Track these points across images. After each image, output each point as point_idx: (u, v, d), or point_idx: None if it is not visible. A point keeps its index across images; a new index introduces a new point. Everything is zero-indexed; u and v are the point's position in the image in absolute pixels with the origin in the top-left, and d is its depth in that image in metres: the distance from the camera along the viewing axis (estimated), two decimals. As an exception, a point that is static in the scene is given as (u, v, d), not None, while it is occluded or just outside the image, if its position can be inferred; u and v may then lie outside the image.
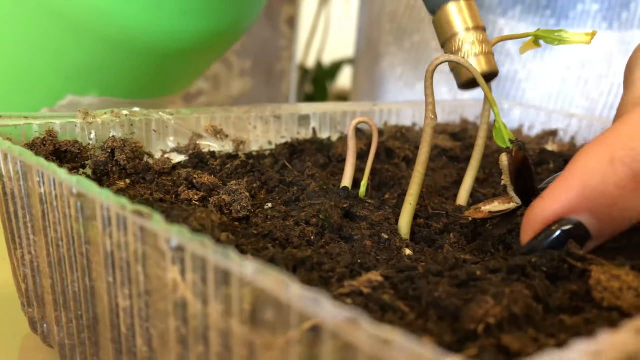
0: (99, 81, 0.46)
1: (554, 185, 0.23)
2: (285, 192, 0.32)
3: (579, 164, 0.23)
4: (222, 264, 0.15)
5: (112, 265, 0.19)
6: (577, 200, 0.22)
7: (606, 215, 0.22)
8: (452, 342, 0.18)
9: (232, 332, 0.15)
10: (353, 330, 0.12)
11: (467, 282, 0.22)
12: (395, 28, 0.67)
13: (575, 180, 0.23)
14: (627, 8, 0.54)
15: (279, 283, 0.14)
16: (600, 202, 0.22)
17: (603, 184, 0.22)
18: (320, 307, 0.13)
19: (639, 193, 0.22)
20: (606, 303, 0.19)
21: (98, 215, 0.19)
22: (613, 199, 0.22)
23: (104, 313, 0.21)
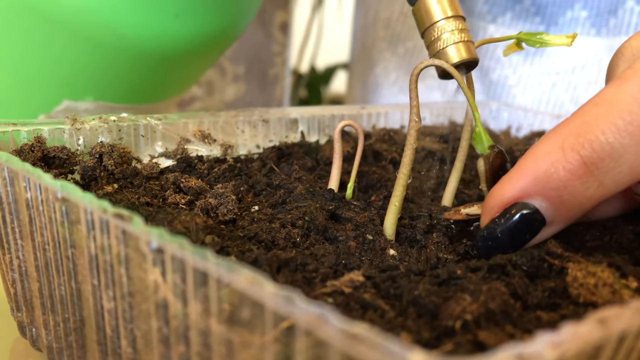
0: (95, 86, 0.46)
1: (512, 171, 0.25)
2: (272, 195, 0.32)
3: (534, 150, 0.24)
4: (200, 264, 0.15)
5: (97, 268, 0.20)
6: (530, 184, 0.24)
7: (557, 200, 0.23)
8: (430, 339, 0.18)
9: (211, 331, 0.15)
10: (323, 326, 0.13)
11: (448, 280, 0.23)
12: (389, 34, 0.68)
13: (529, 165, 0.24)
14: (614, 15, 0.55)
15: (253, 282, 0.14)
16: (551, 186, 0.23)
17: (553, 169, 0.23)
18: (292, 305, 0.13)
19: (588, 179, 0.23)
20: (582, 299, 0.20)
21: (82, 219, 0.20)
22: (563, 183, 0.23)
23: (90, 315, 0.22)
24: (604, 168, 0.22)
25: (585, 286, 0.20)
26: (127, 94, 0.50)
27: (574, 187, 0.23)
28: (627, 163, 0.22)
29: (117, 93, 0.49)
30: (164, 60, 0.46)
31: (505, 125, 0.52)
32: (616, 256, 0.25)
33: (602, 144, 0.22)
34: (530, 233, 0.24)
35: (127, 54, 0.44)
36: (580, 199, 0.23)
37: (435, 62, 0.29)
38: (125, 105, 0.50)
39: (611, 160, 0.22)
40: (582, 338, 0.13)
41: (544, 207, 0.24)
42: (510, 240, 0.24)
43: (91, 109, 0.48)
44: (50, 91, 0.47)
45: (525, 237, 0.24)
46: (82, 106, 0.47)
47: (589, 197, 0.23)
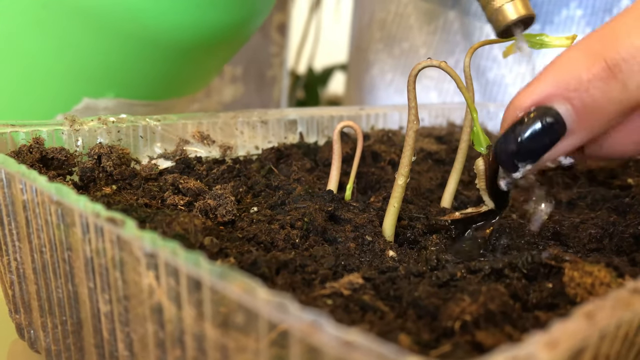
0: (115, 81, 0.45)
1: (533, 79, 0.24)
2: (271, 196, 0.32)
3: (557, 57, 0.24)
4: (192, 271, 0.15)
5: (92, 271, 0.20)
6: (551, 87, 0.23)
7: (578, 102, 0.23)
8: (429, 340, 0.18)
9: (205, 335, 0.15)
10: (317, 333, 0.12)
11: (448, 282, 0.23)
12: (384, 36, 0.68)
13: (551, 70, 0.23)
14: (609, 13, 0.55)
15: (245, 289, 0.14)
16: (572, 87, 0.23)
17: (575, 71, 0.23)
18: (285, 312, 0.13)
19: (611, 81, 0.22)
20: (579, 299, 0.20)
21: (77, 222, 0.19)
22: (584, 85, 0.22)
23: (87, 318, 0.21)
24: (628, 70, 0.22)
25: (582, 286, 0.20)
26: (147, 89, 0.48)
27: (596, 89, 0.22)
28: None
29: (138, 88, 0.47)
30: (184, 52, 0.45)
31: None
32: (614, 257, 0.25)
33: (627, 46, 0.22)
34: (550, 139, 0.23)
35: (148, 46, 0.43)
36: (602, 102, 0.22)
37: (434, 62, 0.29)
38: (145, 102, 0.48)
39: (635, 63, 0.22)
40: (572, 335, 0.13)
41: (565, 110, 0.23)
42: (530, 146, 0.24)
43: (111, 106, 0.47)
44: (69, 88, 0.45)
45: (545, 143, 0.23)
46: (102, 104, 0.46)
47: (611, 100, 0.22)
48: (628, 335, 0.17)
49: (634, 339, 0.18)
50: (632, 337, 0.18)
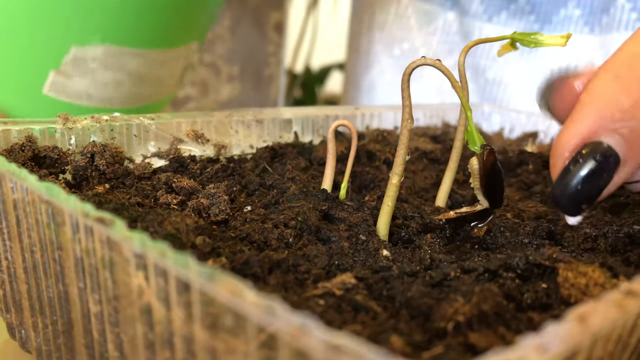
0: (99, 25, 0.44)
1: (572, 114, 0.23)
2: (265, 195, 0.32)
3: (589, 89, 0.23)
4: (181, 272, 0.15)
5: (82, 271, 0.19)
6: (595, 122, 0.22)
7: (626, 131, 0.22)
8: (422, 341, 0.18)
9: (194, 337, 0.15)
10: (305, 337, 0.12)
11: (441, 282, 0.22)
12: (384, 37, 0.68)
13: (588, 104, 0.23)
14: (607, 12, 0.55)
15: (233, 292, 0.14)
16: (616, 118, 0.22)
17: (615, 100, 0.22)
18: (273, 315, 0.13)
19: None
20: (573, 299, 0.20)
21: (67, 222, 0.19)
22: (628, 113, 0.22)
23: (77, 318, 0.21)
24: None
25: (576, 286, 0.20)
26: (134, 35, 0.47)
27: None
28: None
29: (124, 33, 0.46)
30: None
31: (498, 127, 0.52)
32: (609, 257, 0.25)
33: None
34: (607, 173, 0.23)
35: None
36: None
37: (428, 61, 0.28)
38: (134, 50, 0.47)
39: None
40: (565, 339, 0.13)
41: (615, 142, 0.22)
42: (589, 186, 0.23)
43: (100, 56, 0.45)
44: (56, 38, 0.44)
45: (602, 178, 0.23)
46: (90, 53, 0.45)
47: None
48: (622, 337, 0.17)
49: (627, 340, 0.18)
50: (626, 338, 0.18)
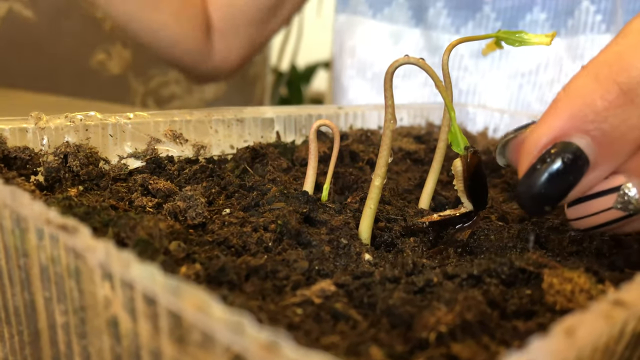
0: None
1: (545, 113, 0.23)
2: (244, 197, 0.31)
3: (567, 87, 0.22)
4: (147, 285, 0.14)
5: (48, 280, 0.19)
6: (567, 121, 0.22)
7: (598, 133, 0.21)
8: (402, 352, 0.17)
9: (162, 351, 0.14)
10: (274, 357, 0.11)
11: (424, 288, 0.22)
12: (355, 62, 0.69)
13: (563, 102, 0.22)
14: (571, 15, 0.56)
15: (199, 307, 0.13)
16: (589, 119, 0.21)
17: (590, 100, 0.21)
18: (241, 333, 0.12)
19: (629, 107, 0.21)
20: (559, 306, 0.19)
21: (31, 228, 0.18)
22: (602, 115, 0.21)
23: (44, 329, 0.20)
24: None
25: (561, 293, 0.20)
26: None
27: (614, 117, 0.21)
28: None
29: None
30: None
31: (482, 127, 0.52)
32: (594, 261, 0.24)
33: (638, 68, 0.21)
34: (574, 175, 0.22)
35: None
36: (622, 130, 0.21)
37: (411, 59, 0.28)
38: None
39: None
40: (552, 354, 0.12)
41: (585, 144, 0.21)
42: (554, 187, 0.22)
43: None
44: None
45: (569, 181, 0.22)
46: None
47: (632, 126, 0.21)
48: (609, 346, 0.17)
49: (614, 347, 0.17)
50: (613, 347, 0.17)
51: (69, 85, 1.12)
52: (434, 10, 0.62)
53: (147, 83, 1.28)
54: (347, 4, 0.70)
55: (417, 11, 0.64)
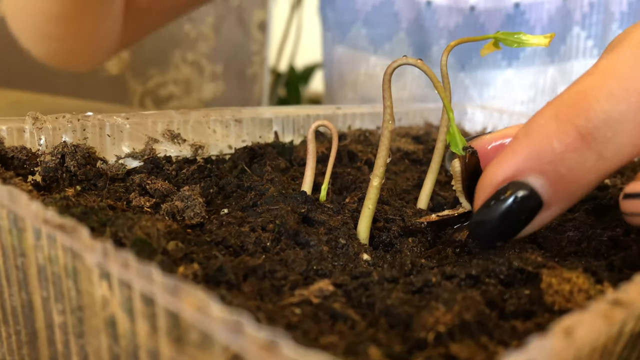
0: None
1: (505, 149, 0.23)
2: (242, 197, 0.31)
3: (527, 124, 0.22)
4: (144, 284, 0.14)
5: (45, 280, 0.18)
6: (523, 160, 0.22)
7: (553, 175, 0.21)
8: (401, 352, 0.17)
9: (160, 351, 0.14)
10: (273, 356, 0.11)
11: (422, 288, 0.22)
12: (357, 96, 0.70)
13: (522, 140, 0.22)
14: (564, 41, 0.58)
15: (198, 307, 0.13)
16: (545, 160, 0.21)
17: (547, 141, 0.21)
18: (240, 332, 0.12)
19: (585, 151, 0.21)
20: (557, 306, 0.19)
21: (28, 228, 0.18)
22: (558, 157, 0.21)
23: (41, 329, 0.20)
24: (602, 138, 0.21)
25: (560, 293, 0.20)
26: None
27: (570, 160, 0.21)
28: (626, 132, 0.21)
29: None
30: None
31: (480, 127, 0.52)
32: (592, 262, 0.24)
33: (597, 112, 0.21)
34: (526, 215, 0.22)
35: None
36: (578, 173, 0.21)
37: (409, 60, 0.28)
38: None
39: (608, 129, 0.21)
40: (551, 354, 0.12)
41: (540, 185, 0.21)
42: (505, 225, 0.22)
43: None
44: None
45: (521, 220, 0.22)
46: None
47: (587, 170, 0.21)
48: (607, 346, 0.17)
49: (613, 348, 0.17)
50: (611, 347, 0.17)
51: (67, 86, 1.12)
52: (437, 47, 0.62)
53: (145, 83, 1.28)
54: (345, 36, 0.69)
55: (418, 48, 0.64)
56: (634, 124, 0.21)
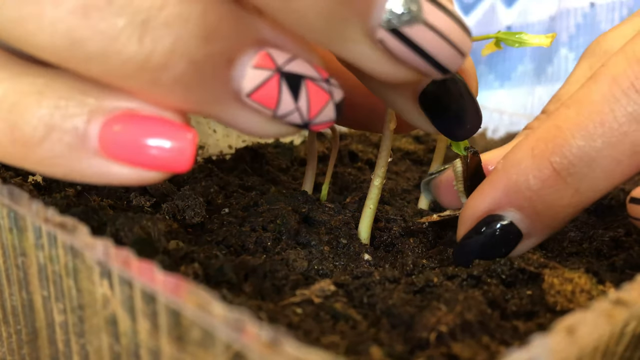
0: None
1: (484, 182, 0.23)
2: (243, 197, 0.31)
3: (505, 158, 0.23)
4: (146, 282, 0.14)
5: (46, 279, 0.18)
6: (502, 195, 0.22)
7: (531, 210, 0.22)
8: (403, 352, 0.17)
9: (161, 350, 0.14)
10: (275, 354, 0.11)
11: (424, 288, 0.22)
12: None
13: (500, 175, 0.22)
14: (551, 63, 0.59)
15: (200, 305, 0.13)
16: (522, 196, 0.22)
17: (523, 178, 0.22)
18: (242, 330, 0.12)
19: (561, 187, 0.21)
20: (559, 307, 0.19)
21: (29, 227, 0.18)
22: (535, 193, 0.21)
23: (42, 328, 0.20)
24: (577, 174, 0.21)
25: (562, 293, 0.20)
26: None
27: (547, 196, 0.21)
28: (601, 167, 0.21)
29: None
30: None
31: (481, 127, 0.51)
32: (594, 262, 0.24)
33: (572, 148, 0.21)
34: (505, 247, 0.23)
35: None
36: (555, 209, 0.21)
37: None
38: None
39: (583, 166, 0.21)
40: (554, 353, 0.12)
41: (519, 219, 0.22)
42: (486, 254, 0.23)
43: None
44: None
45: (501, 251, 0.23)
46: None
47: (565, 205, 0.21)
48: (609, 346, 0.17)
49: (615, 348, 0.17)
50: (613, 347, 0.17)
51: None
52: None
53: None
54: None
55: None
56: (609, 159, 0.20)
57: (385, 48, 0.17)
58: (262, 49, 0.16)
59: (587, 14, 0.57)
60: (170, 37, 0.15)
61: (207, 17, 0.15)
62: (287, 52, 0.17)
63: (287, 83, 0.17)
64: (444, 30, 0.17)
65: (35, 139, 0.16)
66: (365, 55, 0.17)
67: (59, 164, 0.16)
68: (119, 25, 0.15)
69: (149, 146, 0.16)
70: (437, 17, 0.17)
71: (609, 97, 0.21)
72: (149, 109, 0.16)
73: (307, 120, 0.17)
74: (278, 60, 0.17)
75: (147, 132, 0.16)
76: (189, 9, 0.15)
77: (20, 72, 0.17)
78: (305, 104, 0.17)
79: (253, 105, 0.17)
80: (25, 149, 0.16)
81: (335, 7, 0.15)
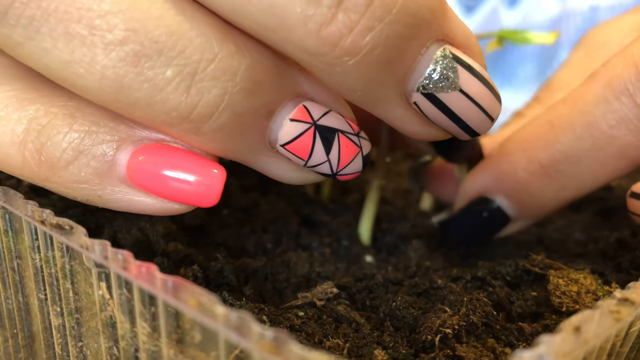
0: None
1: (480, 164, 0.25)
2: (243, 198, 0.31)
3: (501, 145, 0.24)
4: (145, 283, 0.14)
5: (42, 281, 0.18)
6: (491, 182, 0.24)
7: (518, 199, 0.23)
8: (407, 355, 0.17)
9: (161, 353, 0.14)
10: (279, 355, 0.11)
11: (427, 290, 0.21)
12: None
13: (493, 162, 0.24)
14: (550, 66, 0.59)
15: (201, 307, 0.12)
16: (510, 185, 0.23)
17: (512, 169, 0.23)
18: (245, 332, 0.12)
19: (548, 182, 0.22)
20: (565, 308, 0.19)
21: (24, 229, 0.18)
22: (522, 185, 0.22)
23: (39, 331, 0.20)
24: (564, 172, 0.22)
25: (567, 294, 0.19)
26: None
27: (533, 189, 0.22)
28: (587, 167, 0.21)
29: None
30: None
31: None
32: (600, 263, 0.24)
33: (561, 146, 0.21)
34: (493, 227, 0.24)
35: None
36: (541, 201, 0.23)
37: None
38: None
39: (570, 165, 0.21)
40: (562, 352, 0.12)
41: (506, 205, 0.23)
42: (475, 232, 0.24)
43: None
44: None
45: (489, 232, 0.24)
46: None
47: (550, 199, 0.22)
48: (615, 347, 0.16)
49: (619, 350, 0.17)
50: (618, 348, 0.17)
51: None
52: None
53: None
54: None
55: None
56: (595, 161, 0.21)
57: (418, 110, 0.17)
58: (299, 102, 0.17)
59: (587, 17, 0.58)
60: (217, 90, 0.15)
61: (253, 72, 0.16)
62: (323, 104, 0.17)
63: (321, 136, 0.17)
64: (477, 96, 0.17)
65: (62, 162, 0.16)
66: (397, 115, 0.18)
67: (83, 188, 0.17)
68: (167, 76, 0.15)
69: (174, 179, 0.16)
70: (472, 85, 0.17)
71: (602, 99, 0.21)
72: (179, 142, 0.17)
73: (336, 171, 0.18)
74: (314, 114, 0.17)
75: (175, 164, 0.16)
76: (237, 63, 0.15)
77: (51, 94, 0.17)
78: (336, 156, 0.17)
79: (286, 155, 0.17)
80: (50, 171, 0.16)
81: (376, 73, 0.16)
